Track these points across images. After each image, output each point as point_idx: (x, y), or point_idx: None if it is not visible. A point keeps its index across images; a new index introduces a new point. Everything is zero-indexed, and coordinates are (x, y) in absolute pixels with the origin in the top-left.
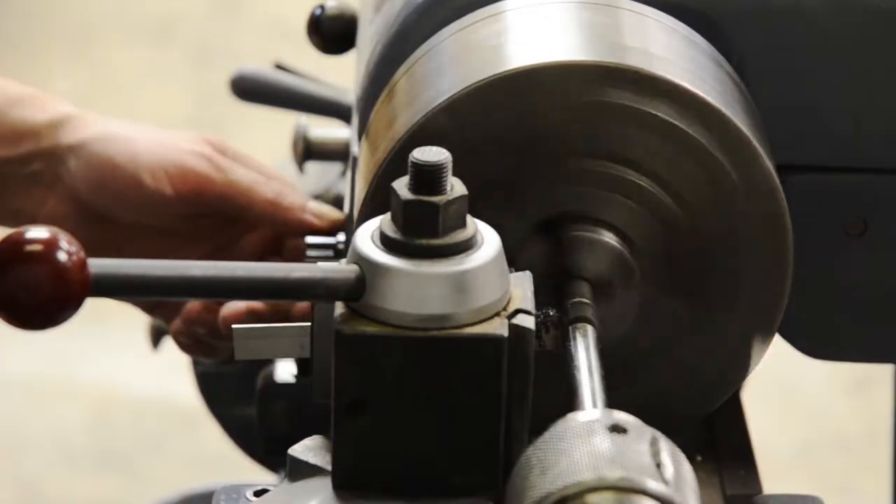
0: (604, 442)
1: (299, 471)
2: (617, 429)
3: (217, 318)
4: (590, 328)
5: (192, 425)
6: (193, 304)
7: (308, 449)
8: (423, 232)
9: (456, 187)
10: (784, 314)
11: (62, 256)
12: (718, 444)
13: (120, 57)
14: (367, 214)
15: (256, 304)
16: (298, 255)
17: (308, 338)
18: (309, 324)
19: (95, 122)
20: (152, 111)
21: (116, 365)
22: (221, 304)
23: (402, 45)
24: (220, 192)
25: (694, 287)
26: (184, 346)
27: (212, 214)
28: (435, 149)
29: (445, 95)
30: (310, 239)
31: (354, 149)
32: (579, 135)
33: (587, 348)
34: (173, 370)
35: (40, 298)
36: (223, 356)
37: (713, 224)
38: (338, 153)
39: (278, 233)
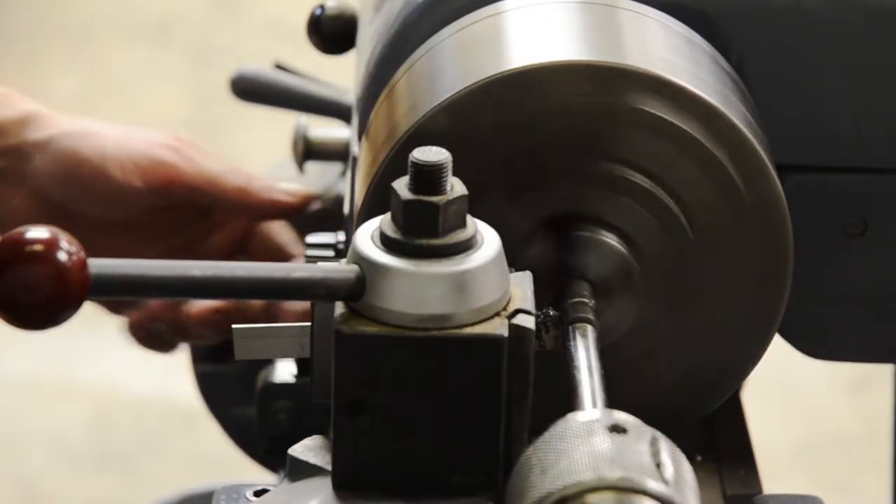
0: (604, 442)
1: (299, 471)
2: (617, 429)
3: (178, 315)
4: (590, 328)
5: (192, 425)
6: (155, 301)
7: (308, 449)
8: (423, 232)
9: (456, 187)
10: (784, 314)
11: (62, 256)
12: (718, 444)
13: (120, 57)
14: (367, 214)
15: (221, 304)
16: (267, 254)
17: (308, 338)
18: (309, 324)
19: (63, 120)
20: (152, 111)
21: (116, 365)
22: (183, 301)
23: (402, 45)
24: (190, 182)
25: (694, 286)
26: (140, 340)
27: (182, 207)
28: (435, 149)
29: (446, 95)
30: (310, 238)
31: (354, 149)
32: (579, 135)
33: (587, 348)
34: (173, 370)
35: (40, 298)
36: (176, 351)
37: (712, 223)
38: (338, 153)
39: (251, 220)
